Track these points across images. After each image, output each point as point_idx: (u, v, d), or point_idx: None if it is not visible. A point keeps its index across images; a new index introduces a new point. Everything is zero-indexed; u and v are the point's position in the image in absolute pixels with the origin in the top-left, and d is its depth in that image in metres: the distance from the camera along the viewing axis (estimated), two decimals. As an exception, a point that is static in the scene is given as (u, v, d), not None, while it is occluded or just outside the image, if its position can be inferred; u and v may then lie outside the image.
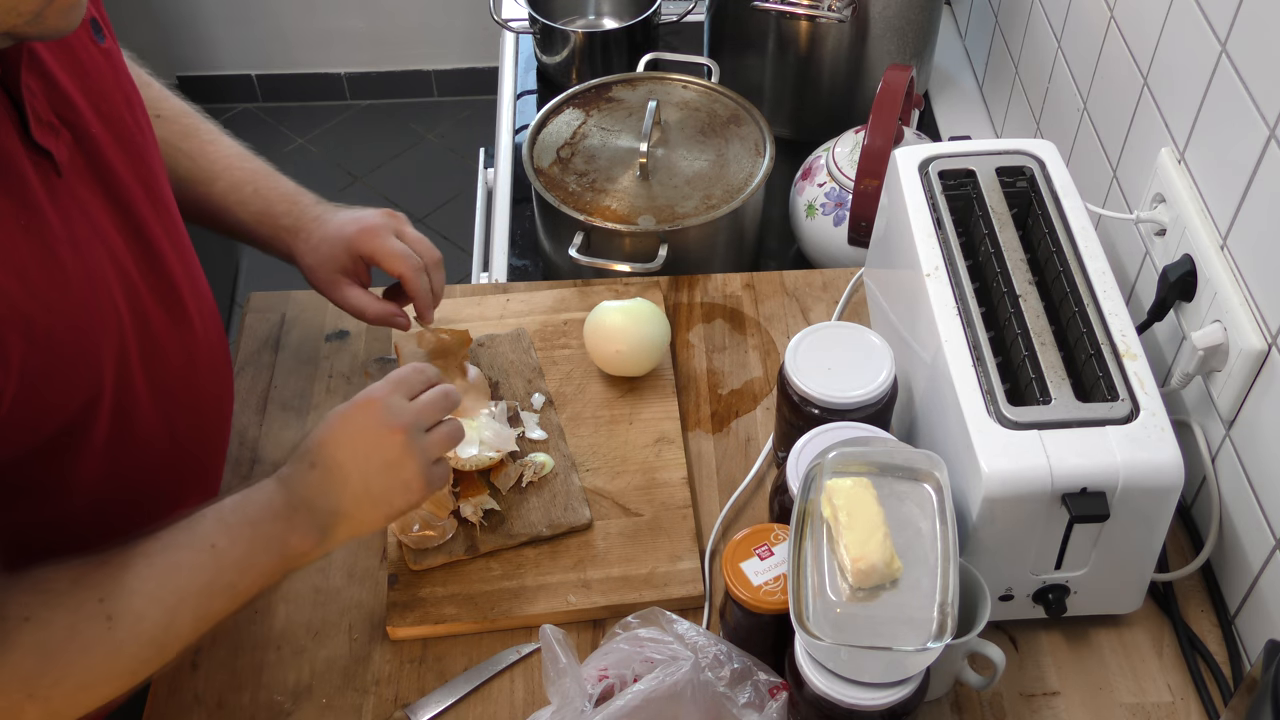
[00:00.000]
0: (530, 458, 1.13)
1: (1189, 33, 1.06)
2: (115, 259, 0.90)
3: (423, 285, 1.12)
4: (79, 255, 0.85)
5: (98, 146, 0.90)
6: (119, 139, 0.93)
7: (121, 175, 0.92)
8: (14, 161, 0.80)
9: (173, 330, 0.97)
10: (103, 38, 0.94)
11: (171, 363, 0.97)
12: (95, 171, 0.89)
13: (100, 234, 0.89)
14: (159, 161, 1.00)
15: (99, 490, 0.93)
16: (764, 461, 1.15)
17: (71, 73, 0.88)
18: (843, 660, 0.83)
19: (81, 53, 0.90)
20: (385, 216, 1.14)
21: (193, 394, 1.02)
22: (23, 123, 0.81)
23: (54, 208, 0.83)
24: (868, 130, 1.26)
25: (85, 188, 0.88)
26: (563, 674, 0.87)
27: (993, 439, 0.91)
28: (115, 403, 0.90)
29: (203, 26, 3.24)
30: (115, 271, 0.90)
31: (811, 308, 1.31)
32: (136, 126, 0.96)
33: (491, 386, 1.21)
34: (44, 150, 0.83)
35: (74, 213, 0.86)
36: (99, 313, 0.87)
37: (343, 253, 1.12)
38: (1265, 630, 0.98)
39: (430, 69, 3.39)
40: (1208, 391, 1.04)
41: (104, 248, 0.89)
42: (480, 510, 1.08)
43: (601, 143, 1.43)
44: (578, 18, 1.87)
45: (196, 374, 1.02)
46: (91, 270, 0.86)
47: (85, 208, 0.87)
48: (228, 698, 0.99)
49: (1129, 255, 1.21)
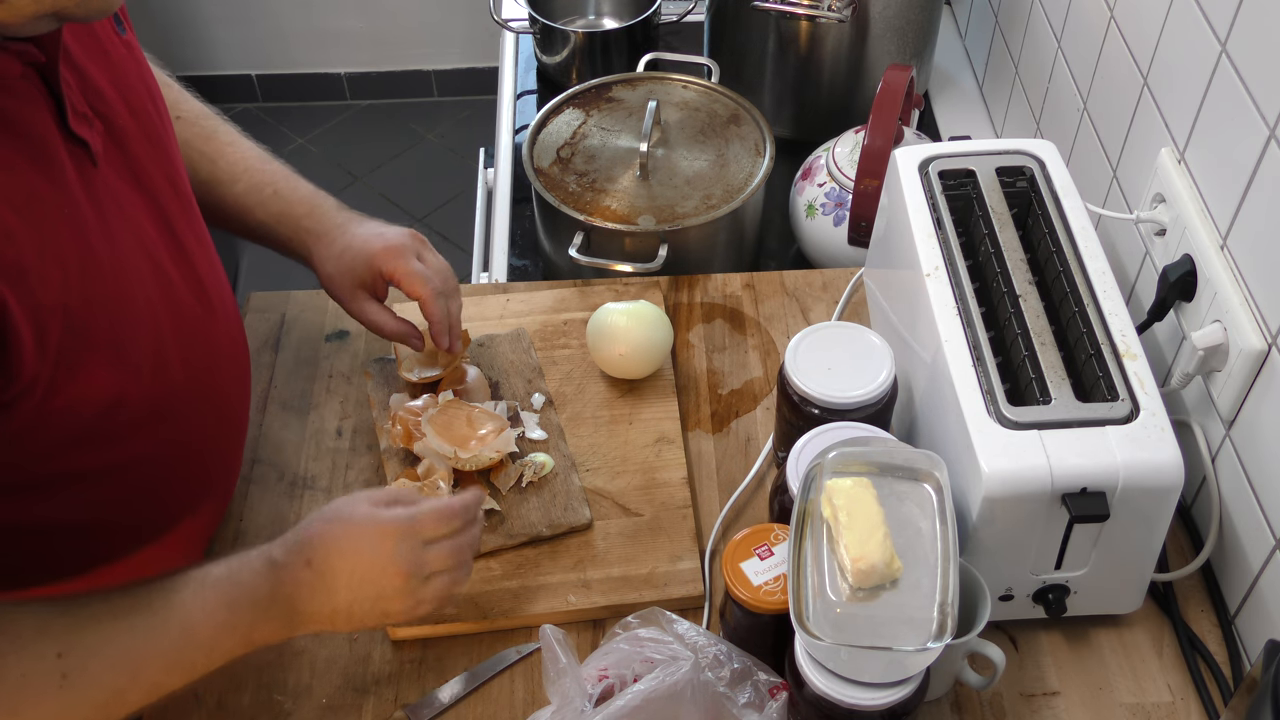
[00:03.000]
0: (530, 458, 1.13)
1: (1189, 33, 1.06)
2: (148, 249, 0.91)
3: (440, 311, 1.12)
4: (113, 246, 0.85)
5: (127, 138, 0.90)
6: (145, 131, 0.93)
7: (149, 167, 0.93)
8: (53, 151, 0.81)
9: (204, 320, 0.98)
10: (124, 30, 0.94)
11: (202, 351, 0.98)
12: (126, 163, 0.90)
13: (133, 224, 0.89)
14: (179, 155, 1.01)
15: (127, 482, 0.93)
16: (764, 461, 1.15)
17: (101, 65, 0.89)
18: (843, 660, 0.83)
19: (108, 44, 0.91)
20: (409, 237, 1.14)
21: (219, 385, 1.02)
22: (60, 113, 0.82)
23: (89, 198, 0.84)
24: (868, 130, 1.26)
25: (118, 178, 0.89)
26: (563, 674, 0.87)
27: (993, 439, 0.91)
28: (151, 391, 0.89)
29: (203, 26, 3.24)
30: (149, 262, 0.90)
31: (811, 308, 1.31)
32: (159, 119, 0.97)
33: (491, 386, 1.21)
34: (80, 140, 0.83)
35: (108, 203, 0.86)
36: (133, 303, 0.87)
37: (364, 267, 1.12)
38: (1265, 630, 0.97)
39: (430, 69, 3.39)
40: (1208, 391, 1.04)
41: (136, 238, 0.89)
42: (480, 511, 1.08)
43: (601, 143, 1.43)
44: (578, 18, 1.87)
45: (221, 365, 1.03)
46: (125, 261, 0.87)
47: (119, 198, 0.88)
48: (228, 698, 0.99)
49: (1129, 255, 1.21)
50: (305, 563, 0.88)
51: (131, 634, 0.80)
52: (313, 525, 0.90)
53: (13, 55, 0.78)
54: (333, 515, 0.91)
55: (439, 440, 1.09)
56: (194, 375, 0.96)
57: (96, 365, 0.84)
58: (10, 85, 0.78)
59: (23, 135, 0.79)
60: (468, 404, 1.14)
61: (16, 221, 0.76)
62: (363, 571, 0.89)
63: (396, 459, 1.14)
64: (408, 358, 1.20)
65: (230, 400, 1.06)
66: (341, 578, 0.88)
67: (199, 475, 1.03)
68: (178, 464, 0.99)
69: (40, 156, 0.80)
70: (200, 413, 0.99)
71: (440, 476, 1.09)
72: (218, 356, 1.02)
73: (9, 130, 0.78)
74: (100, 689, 0.79)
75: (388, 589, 0.89)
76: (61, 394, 0.81)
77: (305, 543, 0.89)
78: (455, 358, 1.19)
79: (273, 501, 1.13)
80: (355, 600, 0.89)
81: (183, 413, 0.96)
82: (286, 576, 0.87)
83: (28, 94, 0.80)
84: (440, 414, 1.12)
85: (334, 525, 0.90)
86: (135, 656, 0.80)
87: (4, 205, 0.76)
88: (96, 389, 0.84)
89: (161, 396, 0.92)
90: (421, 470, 1.10)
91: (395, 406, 1.16)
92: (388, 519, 0.90)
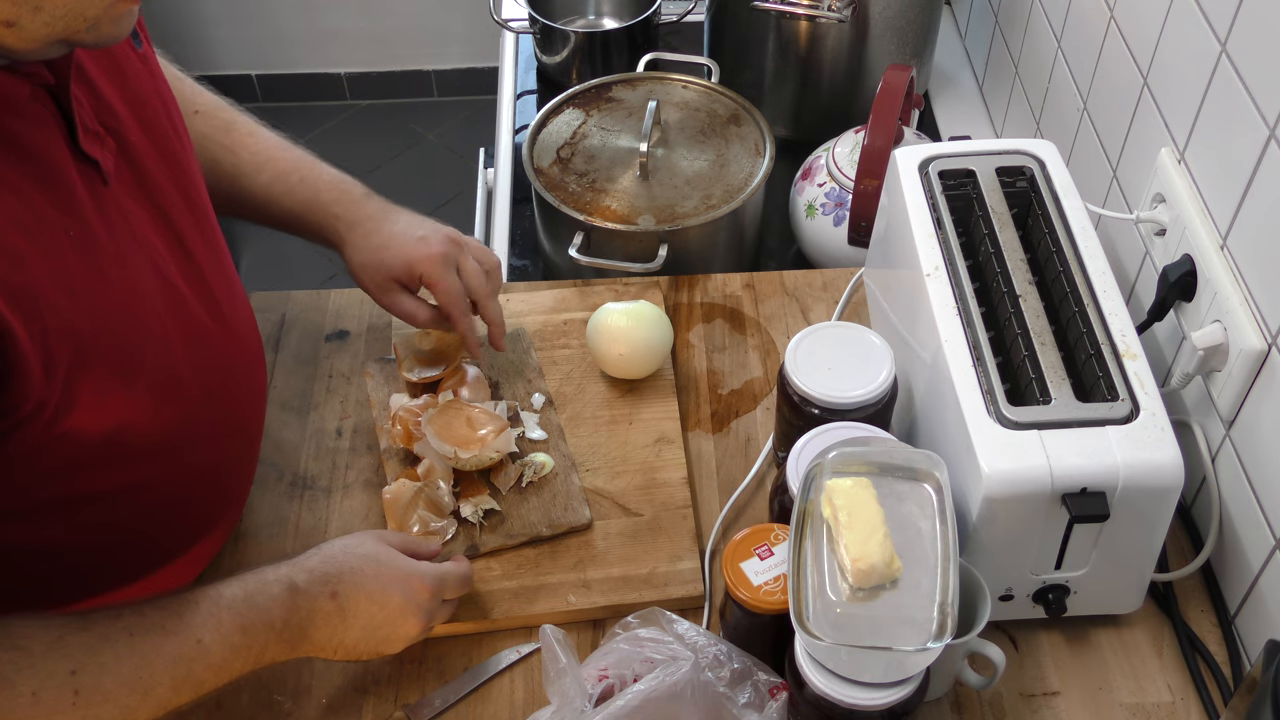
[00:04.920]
0: (530, 458, 1.13)
1: (1189, 33, 1.06)
2: (159, 269, 0.90)
3: (468, 326, 1.14)
4: (124, 266, 0.85)
5: (139, 154, 0.90)
6: (158, 146, 0.93)
7: (162, 183, 0.92)
8: (63, 172, 0.80)
9: (218, 336, 0.97)
10: (140, 44, 0.93)
11: (217, 369, 0.97)
12: (138, 179, 0.89)
13: (144, 244, 0.88)
14: (195, 167, 1.00)
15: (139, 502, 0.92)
16: (764, 461, 1.15)
17: (114, 81, 0.88)
18: (843, 660, 0.83)
19: (123, 59, 0.90)
20: (450, 244, 1.13)
21: (235, 402, 1.02)
22: (71, 133, 0.81)
23: (100, 218, 0.83)
24: (868, 130, 1.26)
25: (130, 196, 0.88)
26: (563, 674, 0.87)
27: (993, 439, 0.91)
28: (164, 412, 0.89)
29: (202, 26, 3.24)
30: (160, 281, 0.90)
31: (811, 308, 1.31)
32: (174, 133, 0.96)
33: (491, 387, 1.21)
34: (91, 160, 0.83)
35: (119, 223, 0.85)
36: (144, 324, 0.87)
37: (402, 268, 1.12)
38: (1265, 630, 0.97)
39: (430, 69, 3.39)
40: (1208, 391, 1.04)
41: (148, 258, 0.89)
42: (480, 510, 1.08)
43: (601, 143, 1.43)
44: (578, 18, 1.87)
45: (236, 381, 1.02)
46: (136, 281, 0.86)
47: (130, 217, 0.87)
48: (227, 698, 0.99)
49: (1129, 255, 1.21)
50: (330, 594, 0.89)
51: (144, 654, 0.80)
52: (340, 558, 0.91)
53: (22, 77, 0.77)
54: (362, 554, 0.92)
55: (439, 441, 1.09)
56: (210, 394, 0.95)
57: (107, 389, 0.83)
58: (19, 107, 0.77)
59: (32, 158, 0.78)
60: (468, 404, 1.14)
61: (26, 246, 0.76)
62: (384, 616, 0.91)
63: (396, 459, 1.14)
64: (408, 358, 1.20)
65: (246, 416, 1.06)
66: (362, 618, 0.90)
67: (216, 495, 1.03)
68: (195, 484, 0.98)
69: (50, 179, 0.79)
70: (216, 432, 0.98)
71: (440, 477, 1.09)
72: (233, 371, 1.01)
73: (18, 153, 0.77)
74: (112, 706, 0.79)
75: (395, 635, 0.93)
76: (70, 417, 0.81)
77: (334, 576, 0.90)
78: (456, 359, 1.19)
79: (273, 501, 1.13)
80: (362, 639, 0.91)
81: (199, 433, 0.95)
82: (306, 604, 0.88)
83: (37, 116, 0.79)
84: (440, 414, 1.11)
85: (366, 565, 0.92)
86: (147, 675, 0.80)
87: (13, 230, 0.75)
88: (106, 412, 0.84)
89: (175, 418, 0.91)
90: (421, 470, 1.10)
91: (395, 406, 1.16)
92: (419, 571, 0.94)
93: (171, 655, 0.81)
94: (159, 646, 0.81)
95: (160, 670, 0.81)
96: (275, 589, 0.87)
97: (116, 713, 0.79)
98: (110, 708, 0.79)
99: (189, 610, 0.83)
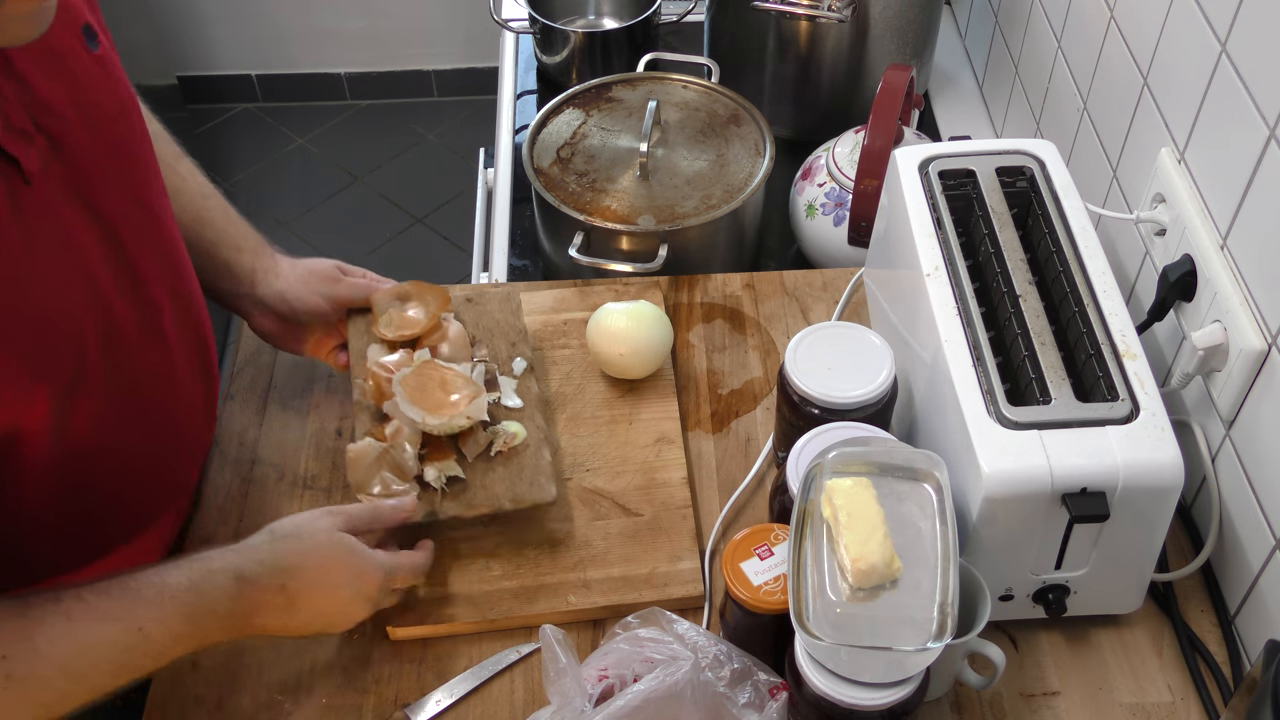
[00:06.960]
0: (501, 426, 1.10)
1: (1189, 33, 1.06)
2: (86, 272, 0.88)
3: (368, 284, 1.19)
4: (37, 269, 0.83)
5: (79, 155, 0.87)
6: (108, 147, 0.91)
7: (105, 185, 0.90)
8: None
9: (146, 342, 0.96)
10: (96, 45, 0.91)
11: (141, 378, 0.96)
12: (74, 181, 0.87)
13: (71, 246, 0.86)
14: (156, 173, 0.99)
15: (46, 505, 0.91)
16: (764, 461, 1.15)
17: (58, 80, 0.86)
18: (843, 660, 0.83)
19: (71, 59, 0.88)
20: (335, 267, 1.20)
21: (163, 411, 1.01)
22: None
23: (15, 218, 0.81)
24: (868, 130, 1.26)
25: (58, 198, 0.86)
26: (563, 674, 0.87)
27: (993, 439, 0.91)
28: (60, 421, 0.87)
29: (202, 26, 3.24)
30: (84, 286, 0.88)
31: (811, 308, 1.31)
32: (132, 134, 0.95)
33: (473, 346, 1.18)
34: (11, 157, 0.81)
35: (40, 223, 0.83)
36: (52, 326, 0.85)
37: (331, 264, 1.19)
38: (1265, 630, 0.98)
39: (430, 69, 3.39)
40: (1208, 391, 1.04)
41: (73, 260, 0.87)
42: (444, 477, 1.06)
43: (601, 143, 1.43)
44: (578, 18, 1.87)
45: (170, 391, 1.01)
46: (52, 284, 0.84)
47: (56, 218, 0.85)
48: (227, 698, 0.99)
49: (1129, 255, 1.21)
50: (279, 587, 0.90)
51: (82, 641, 0.81)
52: (292, 546, 0.92)
53: None
54: (315, 543, 0.93)
55: (409, 404, 1.06)
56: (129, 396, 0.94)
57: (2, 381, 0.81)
58: None
59: None
60: (443, 365, 1.11)
61: None
62: (334, 606, 0.94)
63: (367, 413, 1.10)
64: (384, 314, 1.16)
65: (180, 426, 1.05)
66: (314, 606, 0.92)
67: (146, 497, 1.03)
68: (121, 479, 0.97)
69: None
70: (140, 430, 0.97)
71: (407, 439, 1.07)
72: (166, 381, 1.00)
73: None
74: (45, 690, 0.79)
75: (340, 621, 0.96)
76: None
77: (283, 569, 0.91)
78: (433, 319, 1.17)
79: (273, 502, 1.13)
80: (307, 625, 0.94)
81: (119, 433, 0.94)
82: (254, 595, 0.88)
83: None
84: (414, 375, 1.08)
85: (313, 556, 0.93)
86: (84, 661, 0.81)
87: None
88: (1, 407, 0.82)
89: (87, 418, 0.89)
90: (389, 431, 1.07)
91: (371, 358, 1.13)
92: (372, 565, 0.95)
93: (112, 643, 0.82)
94: (100, 634, 0.81)
95: (99, 657, 0.81)
96: (221, 578, 0.87)
97: (50, 696, 0.80)
98: (44, 692, 0.79)
99: (131, 598, 0.83)
